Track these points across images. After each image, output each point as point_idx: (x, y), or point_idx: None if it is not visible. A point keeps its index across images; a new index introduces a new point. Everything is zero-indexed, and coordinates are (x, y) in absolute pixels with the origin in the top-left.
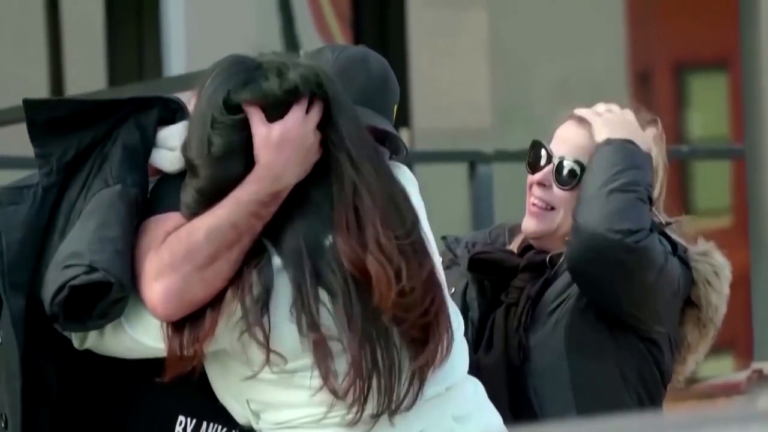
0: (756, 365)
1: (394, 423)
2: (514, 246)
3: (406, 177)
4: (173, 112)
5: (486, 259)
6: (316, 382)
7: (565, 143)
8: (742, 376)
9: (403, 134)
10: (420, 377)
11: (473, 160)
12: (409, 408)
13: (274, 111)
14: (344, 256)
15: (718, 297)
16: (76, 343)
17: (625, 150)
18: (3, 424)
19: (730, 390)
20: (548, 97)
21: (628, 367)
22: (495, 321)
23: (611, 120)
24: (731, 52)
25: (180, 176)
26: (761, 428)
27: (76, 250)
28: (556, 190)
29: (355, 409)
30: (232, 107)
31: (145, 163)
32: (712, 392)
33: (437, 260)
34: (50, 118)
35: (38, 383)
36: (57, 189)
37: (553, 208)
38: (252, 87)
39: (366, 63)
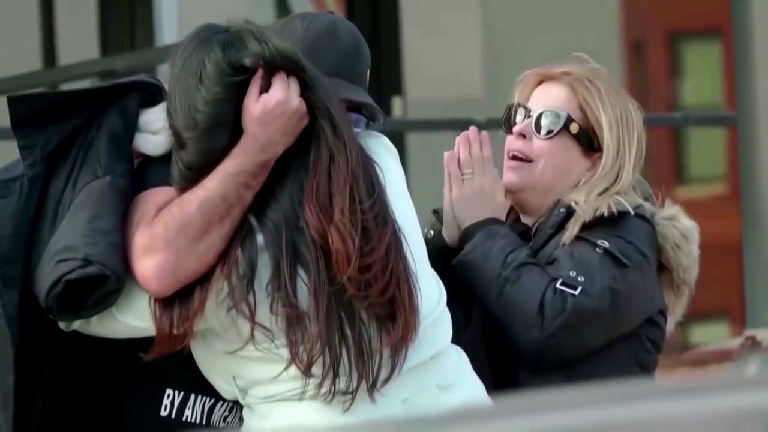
0: (749, 332)
1: (374, 397)
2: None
3: (385, 146)
4: (153, 95)
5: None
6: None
7: (546, 98)
8: (735, 342)
9: (396, 103)
10: (395, 353)
11: (465, 128)
12: (385, 381)
13: (267, 78)
14: (311, 227)
15: (688, 259)
16: (62, 325)
17: (487, 232)
18: None
19: (723, 356)
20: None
21: (620, 347)
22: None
23: (466, 194)
24: (724, 21)
25: (164, 156)
26: (750, 395)
27: (70, 243)
28: (536, 141)
29: (327, 384)
30: (233, 68)
31: (130, 149)
32: (705, 359)
33: (413, 233)
34: (32, 113)
35: (31, 375)
36: (42, 179)
37: (531, 160)
38: (245, 51)
39: (336, 33)
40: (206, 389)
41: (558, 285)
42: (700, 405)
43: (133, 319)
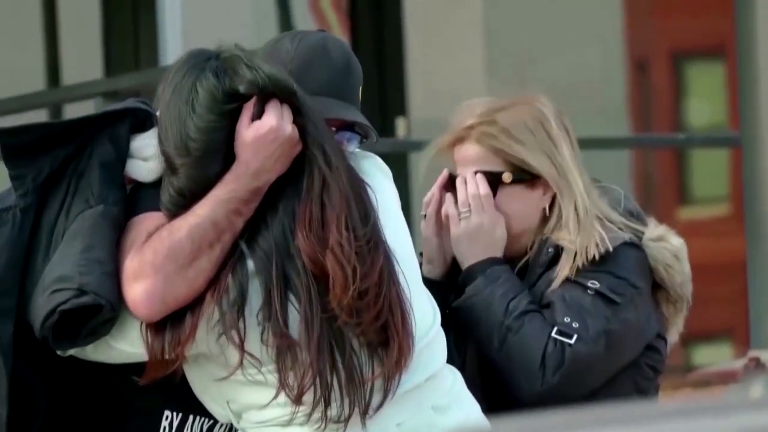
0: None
1: (365, 424)
2: None
3: (378, 167)
4: (143, 121)
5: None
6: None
7: (466, 163)
8: (739, 363)
9: (400, 124)
10: (389, 379)
11: None
12: (378, 408)
13: (260, 104)
14: (304, 253)
15: (682, 277)
16: (58, 352)
17: (487, 277)
18: None
19: (727, 378)
20: (545, 86)
21: (619, 377)
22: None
23: (465, 233)
24: (728, 41)
25: (156, 181)
26: (754, 416)
27: (64, 273)
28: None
29: (318, 411)
30: (227, 96)
31: (122, 176)
32: (708, 380)
33: (407, 255)
34: (23, 144)
35: (26, 404)
36: (35, 209)
37: None
38: (238, 78)
39: (326, 51)
40: (204, 410)
41: (554, 334)
42: (704, 426)
43: (127, 345)
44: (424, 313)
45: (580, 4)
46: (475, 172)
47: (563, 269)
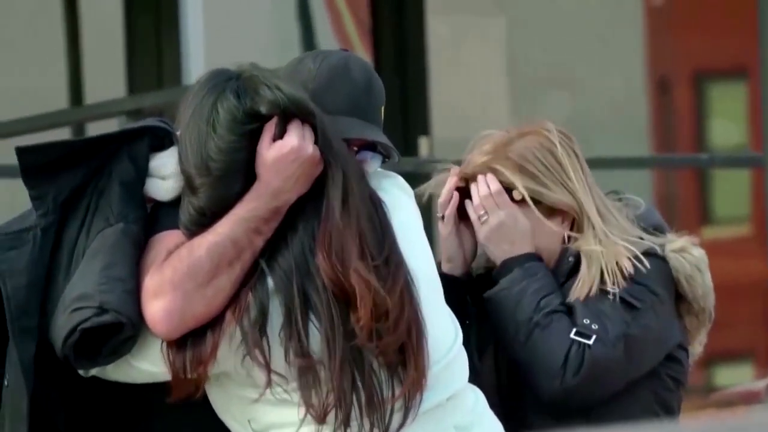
0: None
1: None
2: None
3: (399, 185)
4: (162, 139)
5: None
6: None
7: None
8: (761, 384)
9: (423, 143)
10: (409, 399)
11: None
12: (398, 429)
13: (281, 125)
14: (324, 274)
15: (703, 288)
16: (81, 372)
17: (524, 271)
18: None
19: (749, 398)
20: (567, 107)
21: (639, 387)
22: (484, 365)
23: (489, 235)
24: (750, 61)
25: (174, 201)
26: None
27: (85, 291)
28: None
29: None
30: (248, 116)
31: (142, 195)
32: (731, 400)
33: (428, 273)
34: (42, 164)
35: (46, 424)
36: (55, 229)
37: None
38: (259, 98)
39: (348, 71)
40: (225, 430)
41: (572, 335)
42: None
43: (147, 365)
44: (446, 333)
45: (603, 25)
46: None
47: (586, 279)
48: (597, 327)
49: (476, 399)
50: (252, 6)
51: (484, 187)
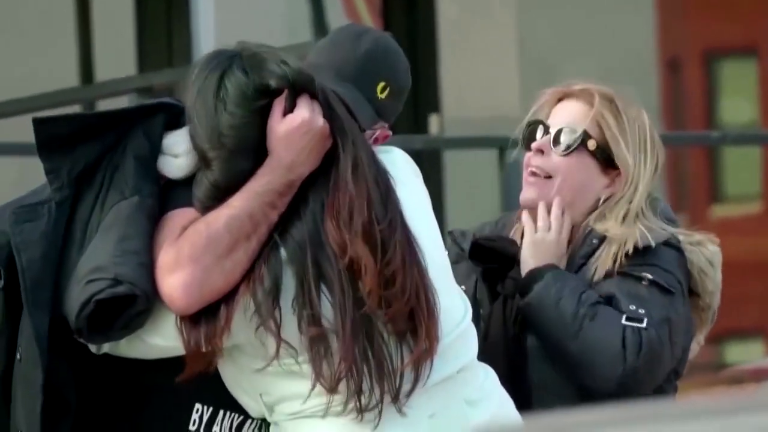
0: None
1: (401, 410)
2: (515, 232)
3: (406, 160)
4: (177, 116)
5: (486, 246)
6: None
7: (564, 114)
8: None
9: (433, 121)
10: (418, 365)
11: (502, 146)
12: (408, 394)
13: (291, 99)
14: (333, 242)
15: (713, 285)
16: (93, 349)
17: (555, 275)
18: None
19: (760, 375)
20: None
21: None
22: (493, 313)
23: (538, 241)
24: (761, 39)
25: (187, 178)
26: None
27: (99, 264)
28: (554, 157)
29: (352, 401)
30: (257, 92)
31: (156, 171)
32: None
33: (435, 246)
34: (57, 135)
35: (58, 399)
36: (70, 203)
37: (550, 177)
38: (267, 73)
39: (357, 39)
40: (235, 405)
41: (624, 321)
42: (738, 423)
43: (160, 339)
44: (455, 306)
45: (613, 4)
46: (564, 127)
47: (606, 259)
48: (643, 311)
49: (486, 376)
50: None
51: (557, 210)
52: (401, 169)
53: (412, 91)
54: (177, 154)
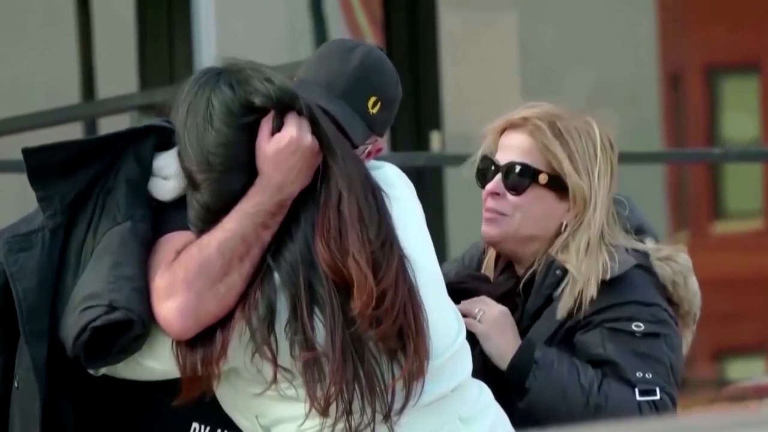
0: None
1: (392, 429)
2: (488, 264)
3: (399, 176)
4: (167, 137)
5: (457, 289)
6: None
7: (510, 150)
8: None
9: (435, 137)
10: (409, 383)
11: None
12: (399, 412)
13: (278, 118)
14: (323, 262)
15: (687, 292)
16: (90, 371)
17: (540, 368)
18: None
19: (761, 392)
20: (579, 100)
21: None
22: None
23: (491, 323)
24: (763, 55)
25: (178, 200)
26: None
27: (94, 290)
28: (510, 197)
29: (342, 422)
30: (243, 108)
31: (148, 194)
32: (743, 394)
33: (427, 263)
34: (48, 164)
35: (56, 426)
36: (63, 229)
37: (506, 214)
38: (252, 90)
39: (348, 53)
40: (233, 425)
41: (639, 397)
42: None
43: (156, 363)
44: (449, 325)
45: (615, 17)
46: (512, 163)
47: (568, 299)
48: (651, 376)
49: (480, 392)
50: (264, 1)
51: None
52: (394, 184)
53: (413, 107)
54: (167, 176)
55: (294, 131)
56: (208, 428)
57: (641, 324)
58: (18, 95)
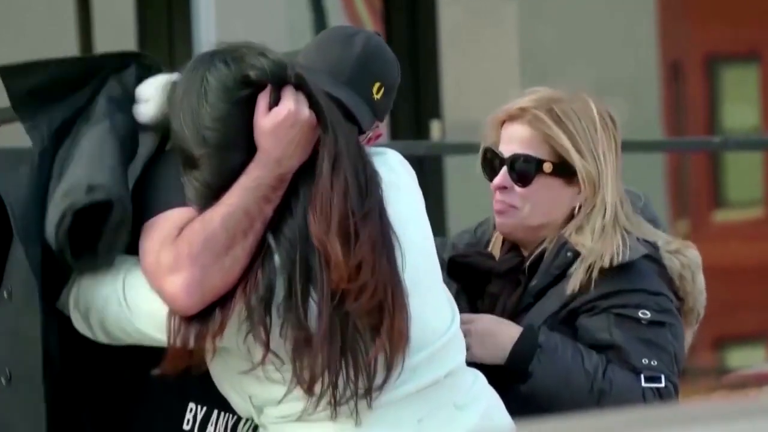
0: None
1: (378, 413)
2: (496, 242)
3: (400, 161)
4: (149, 68)
5: (461, 263)
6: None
7: (512, 142)
8: None
9: (435, 126)
10: (390, 358)
11: None
12: (380, 388)
13: (275, 93)
14: (314, 236)
15: (693, 288)
16: (79, 327)
17: (544, 352)
18: (4, 381)
19: (761, 380)
20: (579, 89)
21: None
22: None
23: (481, 334)
24: (763, 45)
25: (171, 167)
26: None
27: (73, 181)
28: (517, 189)
29: (327, 398)
30: (238, 83)
31: (131, 110)
32: (743, 382)
33: (424, 252)
34: (31, 89)
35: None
36: (50, 154)
37: (516, 207)
38: (247, 65)
39: (349, 40)
40: (229, 406)
41: (644, 384)
42: (740, 429)
43: (151, 328)
44: (442, 311)
45: (615, 9)
46: (515, 155)
47: (577, 276)
48: (657, 363)
49: (475, 379)
50: (264, 0)
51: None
52: (396, 170)
53: (413, 96)
54: (147, 98)
55: (292, 105)
56: (204, 409)
57: (648, 312)
58: None
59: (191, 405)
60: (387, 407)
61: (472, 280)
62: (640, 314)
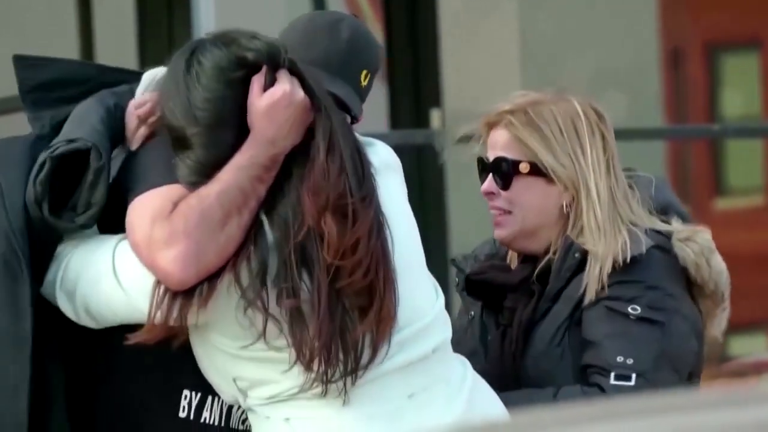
0: None
1: (365, 388)
2: (511, 257)
3: (388, 151)
4: None
5: (478, 281)
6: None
7: (494, 147)
8: None
9: (434, 115)
10: (375, 339)
11: None
12: (366, 366)
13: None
14: (308, 215)
15: (711, 271)
16: (69, 314)
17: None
18: None
19: (761, 368)
20: (580, 79)
21: None
22: (493, 342)
23: None
24: (763, 32)
25: (156, 154)
26: None
27: (55, 141)
28: (502, 193)
29: (321, 377)
30: (232, 65)
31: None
32: (743, 371)
33: (408, 238)
34: (39, 84)
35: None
36: (49, 139)
37: (509, 212)
38: (243, 47)
39: (335, 28)
40: None
41: (613, 381)
42: (740, 416)
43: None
44: (428, 292)
45: None
46: (496, 159)
47: (592, 281)
48: (632, 361)
49: (464, 371)
50: (264, 0)
51: None
52: (385, 159)
53: (413, 85)
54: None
55: (287, 86)
56: (198, 395)
57: (638, 307)
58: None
59: (186, 392)
60: (373, 382)
61: (491, 295)
62: (629, 309)
